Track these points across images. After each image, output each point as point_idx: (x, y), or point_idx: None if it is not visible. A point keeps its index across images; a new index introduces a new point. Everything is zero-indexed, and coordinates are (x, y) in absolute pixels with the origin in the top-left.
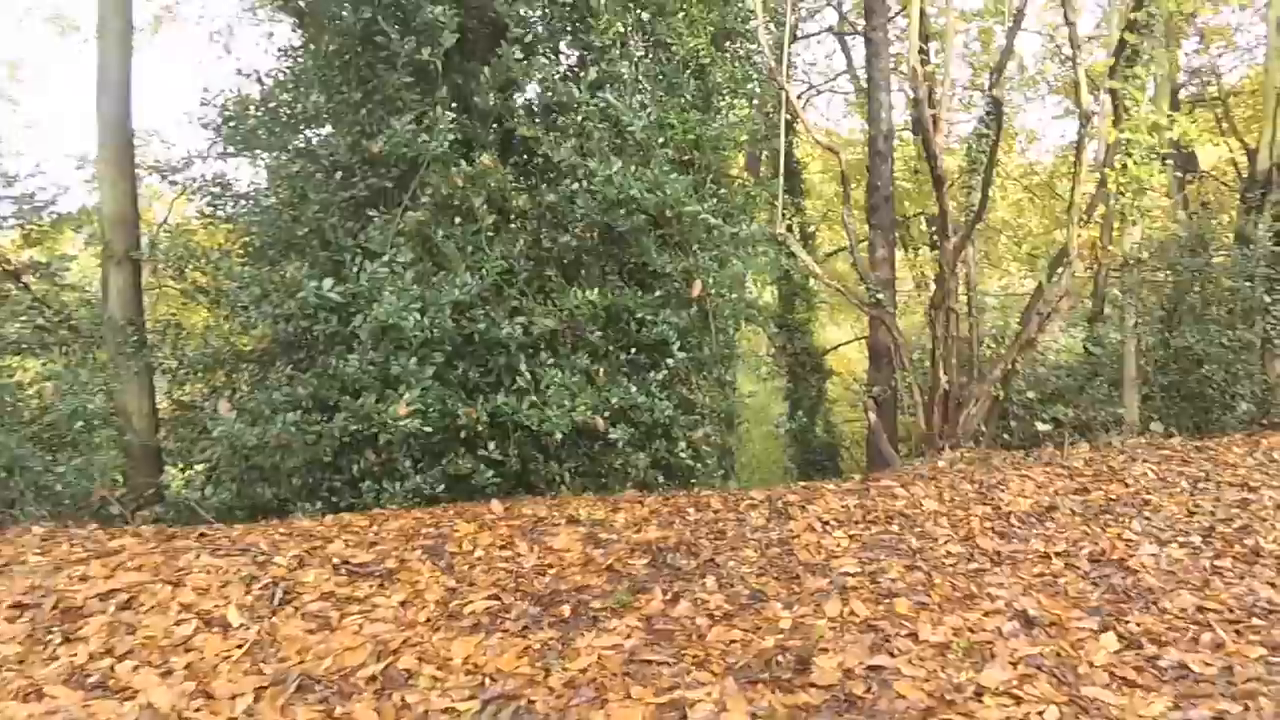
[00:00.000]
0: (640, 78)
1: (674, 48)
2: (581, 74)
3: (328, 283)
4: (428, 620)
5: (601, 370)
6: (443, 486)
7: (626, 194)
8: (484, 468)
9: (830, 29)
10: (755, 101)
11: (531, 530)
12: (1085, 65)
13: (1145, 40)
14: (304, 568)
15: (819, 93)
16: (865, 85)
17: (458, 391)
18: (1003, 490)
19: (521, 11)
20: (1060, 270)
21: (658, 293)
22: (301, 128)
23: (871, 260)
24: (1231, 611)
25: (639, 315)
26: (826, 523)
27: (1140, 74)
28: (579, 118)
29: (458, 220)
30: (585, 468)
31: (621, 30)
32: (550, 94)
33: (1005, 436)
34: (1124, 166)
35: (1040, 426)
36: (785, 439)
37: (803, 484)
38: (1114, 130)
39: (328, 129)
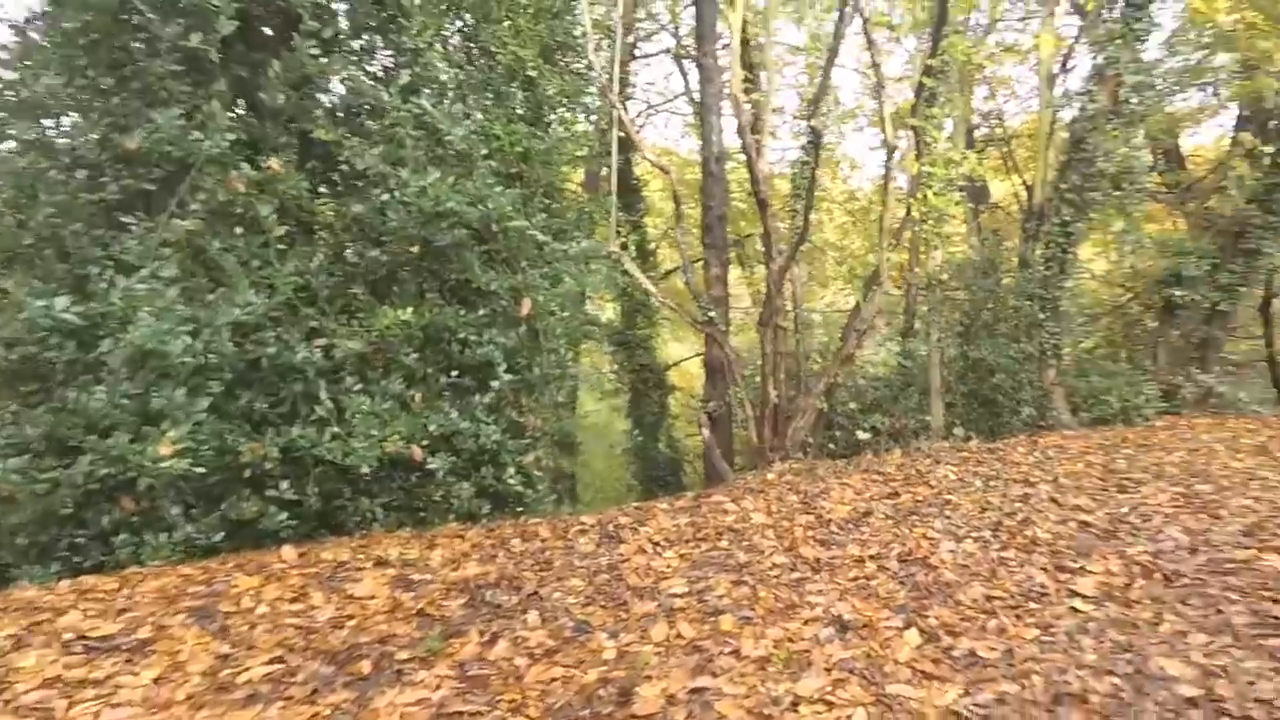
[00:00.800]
0: (462, 85)
1: (499, 56)
2: (394, 77)
3: (61, 301)
4: (189, 697)
5: (418, 395)
6: (222, 535)
7: (445, 206)
8: (275, 510)
9: (667, 51)
10: (592, 117)
11: (330, 578)
12: (893, 103)
13: (942, 84)
14: (21, 649)
15: (657, 112)
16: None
17: (240, 425)
18: (825, 499)
19: (320, 1)
20: (873, 290)
21: (482, 311)
22: (38, 115)
23: (706, 278)
24: (1013, 597)
25: (461, 335)
26: (657, 543)
27: (938, 114)
28: (388, 123)
29: (239, 230)
30: (401, 502)
31: (444, 33)
32: (356, 96)
33: (831, 446)
34: (925, 196)
35: (860, 435)
36: (628, 456)
37: (636, 504)
38: (916, 163)
39: (71, 119)
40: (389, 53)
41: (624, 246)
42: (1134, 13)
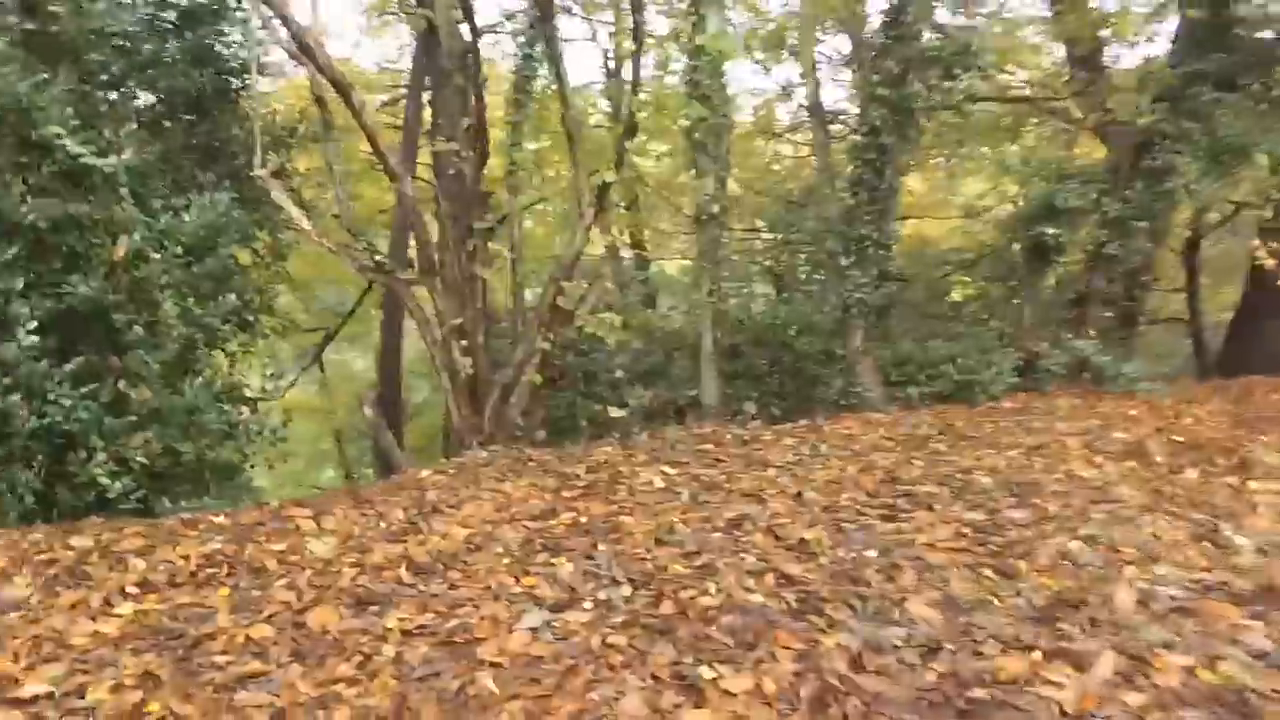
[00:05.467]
0: None
1: None
2: None
3: None
4: None
5: None
6: None
7: None
8: None
9: None
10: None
11: None
12: None
13: None
14: None
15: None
16: None
17: None
18: (450, 515)
19: None
20: (580, 224)
21: (13, 252)
22: None
23: (403, 212)
24: None
25: None
26: (126, 591)
27: None
28: None
29: None
30: None
31: None
32: None
33: (584, 425)
34: (695, 94)
35: (614, 413)
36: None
37: (184, 517)
38: (624, 38)
39: None
40: None
41: (281, 172)
42: None
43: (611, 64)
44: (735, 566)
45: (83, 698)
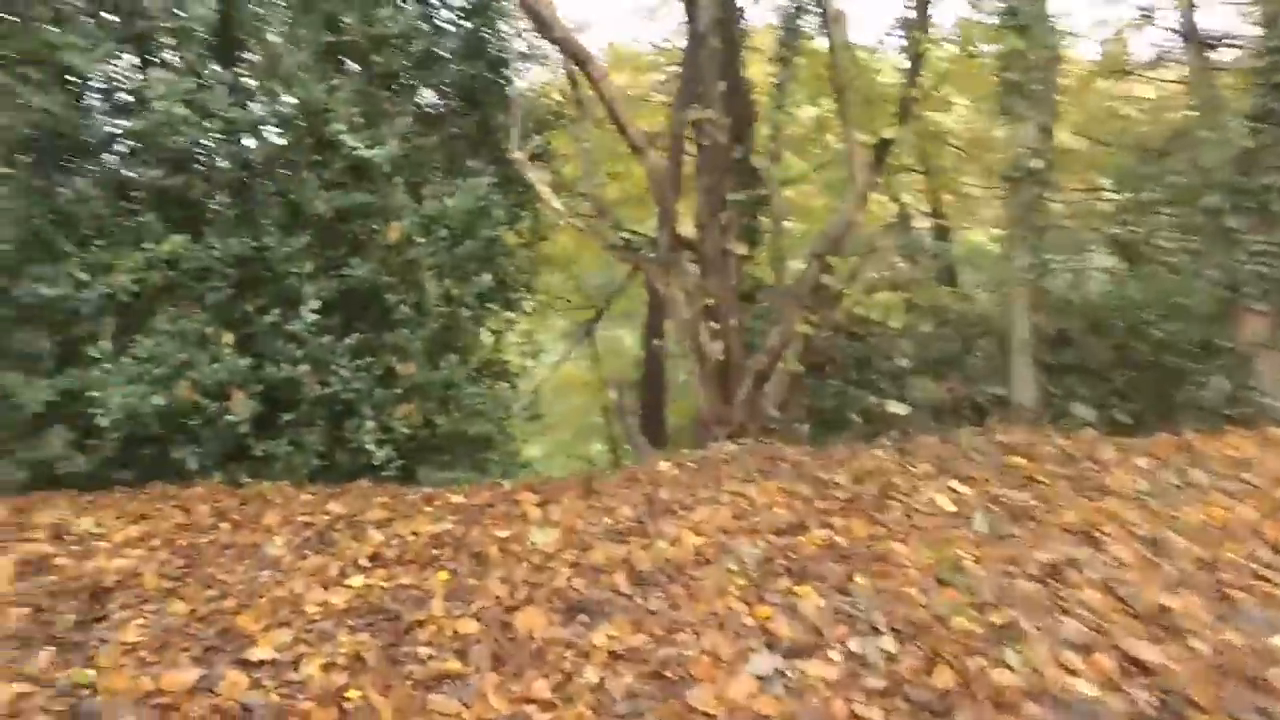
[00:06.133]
0: None
1: None
2: None
3: None
4: None
5: (229, 336)
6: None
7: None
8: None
9: None
10: None
11: None
12: None
13: None
14: None
15: None
16: None
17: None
18: (682, 517)
19: None
20: (852, 189)
21: (305, 239)
22: None
23: (656, 185)
24: None
25: (282, 268)
26: (358, 563)
27: None
28: None
29: None
30: (233, 453)
31: None
32: None
33: (856, 420)
34: (1010, 15)
35: (892, 409)
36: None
37: (428, 491)
38: None
39: None
40: None
41: (539, 155)
42: None
43: (912, 13)
44: (1051, 633)
45: (296, 670)
